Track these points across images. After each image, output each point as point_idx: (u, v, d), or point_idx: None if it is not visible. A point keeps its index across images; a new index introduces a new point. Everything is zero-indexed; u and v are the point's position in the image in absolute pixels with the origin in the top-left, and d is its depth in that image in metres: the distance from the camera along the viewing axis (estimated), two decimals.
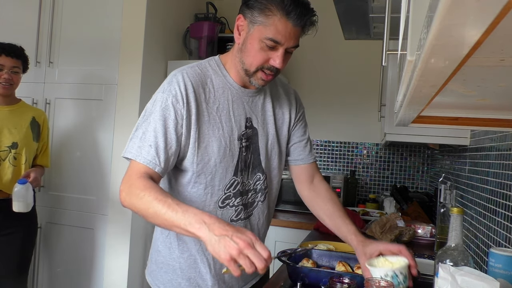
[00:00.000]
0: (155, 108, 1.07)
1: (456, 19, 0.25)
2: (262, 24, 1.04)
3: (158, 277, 1.23)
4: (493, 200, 1.27)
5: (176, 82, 1.08)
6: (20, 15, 2.67)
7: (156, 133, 1.05)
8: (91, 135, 2.52)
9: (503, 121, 0.88)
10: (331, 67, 3.09)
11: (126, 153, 1.07)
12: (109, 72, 2.47)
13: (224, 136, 1.13)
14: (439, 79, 0.42)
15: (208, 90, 1.13)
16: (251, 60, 1.08)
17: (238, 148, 1.16)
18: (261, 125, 1.21)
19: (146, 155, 1.04)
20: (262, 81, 1.12)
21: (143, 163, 1.03)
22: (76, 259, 2.53)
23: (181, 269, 1.19)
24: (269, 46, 1.05)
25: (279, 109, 1.27)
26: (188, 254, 1.19)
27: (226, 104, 1.15)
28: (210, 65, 1.17)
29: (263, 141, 1.22)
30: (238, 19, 1.09)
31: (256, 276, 1.30)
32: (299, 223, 2.39)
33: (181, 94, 1.07)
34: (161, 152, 1.04)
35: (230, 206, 1.18)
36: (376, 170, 3.02)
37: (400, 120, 0.85)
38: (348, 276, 1.06)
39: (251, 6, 1.05)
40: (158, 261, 1.24)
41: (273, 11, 1.03)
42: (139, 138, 1.06)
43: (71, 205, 2.53)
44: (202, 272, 1.19)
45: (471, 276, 0.73)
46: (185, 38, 2.87)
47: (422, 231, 1.93)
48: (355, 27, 2.17)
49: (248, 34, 1.07)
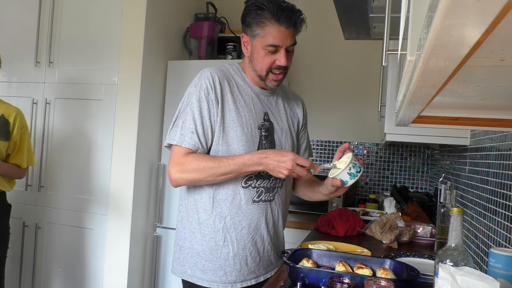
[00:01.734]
0: (191, 100, 1.27)
1: (456, 19, 0.25)
2: (260, 36, 1.26)
3: (185, 262, 1.34)
4: (493, 200, 1.27)
5: (205, 77, 1.28)
6: (20, 15, 2.67)
7: (195, 121, 1.25)
8: (91, 135, 2.52)
9: (503, 121, 0.88)
10: (331, 67, 3.09)
11: (170, 141, 1.27)
12: (109, 72, 2.47)
13: (246, 124, 1.30)
14: (439, 79, 0.42)
15: (232, 85, 1.32)
16: (260, 66, 1.29)
17: (259, 136, 1.33)
18: (276, 120, 1.39)
19: (189, 140, 1.24)
20: (274, 81, 1.32)
21: (188, 146, 1.24)
22: (76, 259, 2.53)
23: (204, 252, 1.31)
24: (271, 51, 1.26)
25: (289, 109, 1.46)
26: (209, 237, 1.30)
27: (247, 98, 1.34)
28: (231, 67, 1.37)
29: (279, 134, 1.39)
30: (242, 37, 1.32)
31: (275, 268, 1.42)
32: (299, 223, 2.39)
33: (211, 86, 1.26)
34: (201, 137, 1.25)
35: (252, 187, 1.32)
36: (376, 170, 3.02)
37: (400, 120, 0.85)
38: (348, 276, 1.06)
39: (248, 23, 1.27)
40: (184, 247, 1.35)
41: (265, 22, 1.24)
42: (180, 127, 1.26)
43: (71, 205, 2.53)
44: (223, 253, 1.30)
45: (471, 276, 0.73)
46: (185, 38, 2.87)
47: (422, 231, 1.92)
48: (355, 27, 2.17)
49: (253, 46, 1.29)
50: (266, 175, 1.33)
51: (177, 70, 2.63)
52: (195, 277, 1.32)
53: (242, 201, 1.30)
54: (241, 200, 1.30)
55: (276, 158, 1.16)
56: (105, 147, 2.48)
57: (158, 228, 2.63)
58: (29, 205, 2.60)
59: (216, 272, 1.30)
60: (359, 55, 3.00)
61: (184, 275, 1.34)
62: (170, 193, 2.61)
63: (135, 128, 2.41)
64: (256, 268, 1.35)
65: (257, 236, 1.33)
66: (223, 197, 1.30)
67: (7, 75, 2.68)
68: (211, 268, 1.30)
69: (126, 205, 2.42)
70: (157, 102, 2.63)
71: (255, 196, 1.32)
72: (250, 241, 1.32)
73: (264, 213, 1.34)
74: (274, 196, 1.37)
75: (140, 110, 2.43)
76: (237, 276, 1.31)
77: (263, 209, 1.34)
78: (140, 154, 2.44)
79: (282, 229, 1.44)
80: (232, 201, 1.30)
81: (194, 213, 1.33)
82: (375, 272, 1.16)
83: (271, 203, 1.36)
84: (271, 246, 1.38)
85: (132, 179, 2.41)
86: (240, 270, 1.31)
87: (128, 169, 2.42)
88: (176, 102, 2.59)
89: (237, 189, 1.30)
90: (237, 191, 1.30)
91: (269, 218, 1.36)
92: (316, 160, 3.08)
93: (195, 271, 1.32)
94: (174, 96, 2.62)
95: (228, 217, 1.30)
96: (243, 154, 1.23)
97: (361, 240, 1.87)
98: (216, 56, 2.82)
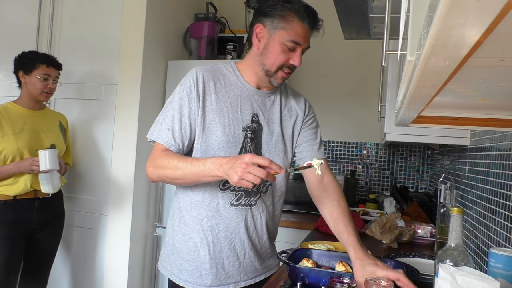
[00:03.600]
0: (174, 98, 1.27)
1: (456, 19, 0.25)
2: (284, 29, 1.21)
3: (166, 259, 1.35)
4: (493, 200, 1.27)
5: (190, 76, 1.26)
6: (20, 15, 2.67)
7: (173, 118, 1.24)
8: (91, 135, 2.52)
9: (503, 121, 0.88)
10: (331, 67, 3.09)
11: (148, 135, 1.28)
12: (109, 72, 2.47)
13: (229, 124, 1.26)
14: (439, 79, 0.42)
15: (220, 84, 1.28)
16: (272, 61, 1.24)
17: (243, 138, 1.28)
18: (268, 122, 1.33)
19: (164, 137, 1.24)
20: (281, 79, 1.27)
21: (162, 143, 1.24)
22: (76, 259, 2.53)
23: (183, 251, 1.30)
24: (289, 48, 1.21)
25: (286, 112, 1.38)
26: (189, 237, 1.29)
27: (235, 98, 1.29)
28: (225, 66, 1.33)
29: (267, 137, 1.32)
30: (257, 27, 1.25)
31: (260, 274, 1.36)
32: (299, 223, 2.39)
33: (194, 84, 1.24)
34: (176, 134, 1.23)
35: (231, 190, 1.28)
36: (376, 170, 3.02)
37: (400, 120, 0.85)
38: (348, 276, 1.06)
39: (271, 14, 1.22)
40: (168, 244, 1.36)
41: (292, 17, 1.20)
42: (159, 123, 1.26)
43: (71, 205, 2.53)
44: (201, 255, 1.28)
45: (471, 276, 0.73)
46: (185, 38, 2.87)
47: (422, 231, 1.92)
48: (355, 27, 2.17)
49: (270, 39, 1.23)
50: None
51: (177, 70, 2.63)
52: (173, 275, 1.31)
53: (219, 204, 1.27)
54: (218, 203, 1.27)
55: (232, 160, 1.07)
56: (105, 147, 2.48)
57: (158, 228, 2.63)
58: None
59: (192, 273, 1.28)
60: (359, 55, 3.01)
61: (165, 271, 1.35)
62: (170, 193, 2.61)
63: (135, 128, 2.41)
64: (235, 273, 1.30)
65: (235, 241, 1.29)
66: (200, 198, 1.27)
67: (7, 75, 2.67)
68: (187, 268, 1.28)
69: (126, 205, 2.42)
70: (157, 102, 2.63)
71: (234, 199, 1.28)
72: (228, 245, 1.28)
73: (243, 217, 1.29)
74: (257, 201, 1.31)
75: (140, 110, 2.42)
76: (213, 280, 1.27)
77: (243, 214, 1.28)
78: (140, 154, 2.44)
79: (266, 236, 1.35)
80: (209, 204, 1.27)
81: (177, 212, 1.32)
82: None
83: (252, 207, 1.30)
84: (254, 252, 1.32)
85: (132, 179, 2.41)
86: (217, 274, 1.27)
87: (128, 169, 2.42)
88: None
89: (215, 192, 1.26)
90: (214, 193, 1.26)
91: (249, 223, 1.30)
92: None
93: (173, 269, 1.31)
94: None
95: (205, 219, 1.27)
96: (208, 158, 1.16)
97: (361, 240, 1.87)
98: (216, 56, 2.82)
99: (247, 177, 1.02)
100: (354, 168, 3.02)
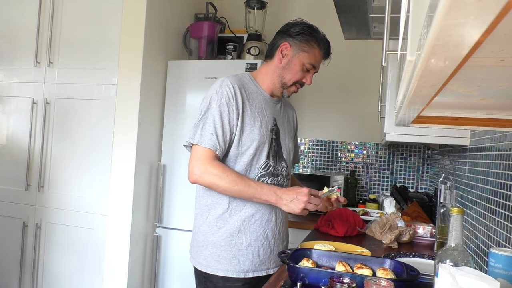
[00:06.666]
0: (211, 105, 1.40)
1: (456, 19, 0.25)
2: (307, 52, 1.47)
3: (200, 254, 1.47)
4: (493, 200, 1.27)
5: (226, 85, 1.41)
6: (20, 15, 2.67)
7: (215, 124, 1.38)
8: (91, 135, 2.51)
9: (503, 121, 0.88)
10: (331, 67, 3.08)
11: (190, 139, 1.40)
12: (109, 72, 2.47)
13: (261, 126, 1.46)
14: (439, 79, 0.42)
15: (248, 92, 1.47)
16: (291, 76, 1.49)
17: (270, 138, 1.50)
18: (282, 125, 1.57)
19: (208, 141, 1.37)
20: (291, 93, 1.53)
21: (208, 146, 1.36)
22: (76, 259, 2.53)
23: (219, 243, 1.44)
24: (307, 69, 1.48)
25: (286, 118, 1.64)
26: (225, 229, 1.44)
27: (260, 104, 1.49)
28: (244, 76, 1.52)
29: (283, 138, 1.56)
30: (283, 45, 1.48)
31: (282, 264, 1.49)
32: (299, 223, 2.39)
33: (232, 94, 1.40)
34: (220, 138, 1.38)
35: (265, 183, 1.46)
36: (376, 170, 3.01)
37: (400, 120, 0.85)
38: (348, 276, 1.06)
39: (299, 39, 1.47)
40: (199, 240, 1.48)
41: (314, 45, 1.48)
42: (200, 128, 1.39)
43: (71, 205, 2.53)
44: (237, 244, 1.43)
45: (471, 276, 0.73)
46: (185, 38, 2.87)
47: (422, 231, 1.92)
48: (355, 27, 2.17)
49: (293, 57, 1.47)
50: (276, 174, 1.51)
51: (177, 70, 2.63)
52: (210, 267, 1.43)
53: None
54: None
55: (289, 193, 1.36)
56: (105, 147, 2.48)
57: (158, 228, 2.63)
58: (29, 205, 2.60)
59: (231, 261, 1.42)
60: (359, 55, 3.00)
61: (199, 266, 1.46)
62: (170, 193, 2.61)
63: (135, 128, 2.41)
64: (267, 260, 1.47)
65: (268, 230, 1.47)
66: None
67: (7, 75, 2.68)
68: (226, 258, 1.42)
69: (126, 205, 2.42)
70: (157, 102, 2.63)
71: None
72: (262, 234, 1.46)
73: (274, 209, 1.47)
74: None
75: (140, 110, 2.42)
76: (249, 265, 1.43)
77: (273, 205, 1.44)
78: (140, 154, 2.44)
79: (287, 226, 1.60)
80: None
81: (211, 209, 1.46)
82: (375, 272, 1.16)
83: None
84: (280, 241, 1.53)
85: (132, 179, 2.41)
86: (252, 260, 1.44)
87: (128, 169, 2.42)
88: (176, 102, 2.61)
89: None
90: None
91: (278, 214, 1.50)
92: (316, 160, 3.08)
93: (209, 262, 1.44)
94: (174, 96, 2.62)
95: (243, 210, 1.44)
96: (263, 183, 1.41)
97: (361, 240, 1.87)
98: (216, 56, 2.82)
99: (308, 207, 1.35)
100: (354, 168, 3.02)
